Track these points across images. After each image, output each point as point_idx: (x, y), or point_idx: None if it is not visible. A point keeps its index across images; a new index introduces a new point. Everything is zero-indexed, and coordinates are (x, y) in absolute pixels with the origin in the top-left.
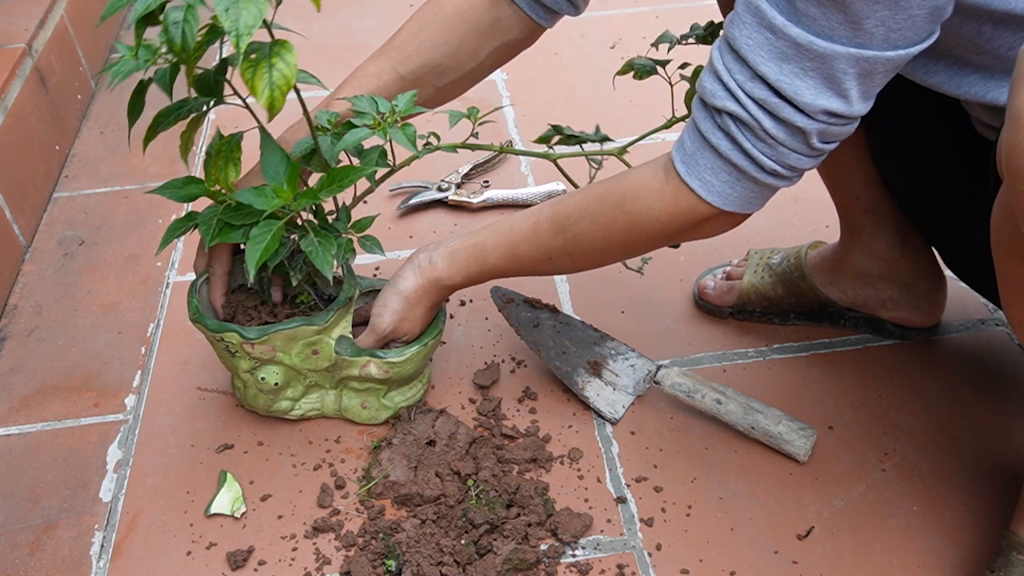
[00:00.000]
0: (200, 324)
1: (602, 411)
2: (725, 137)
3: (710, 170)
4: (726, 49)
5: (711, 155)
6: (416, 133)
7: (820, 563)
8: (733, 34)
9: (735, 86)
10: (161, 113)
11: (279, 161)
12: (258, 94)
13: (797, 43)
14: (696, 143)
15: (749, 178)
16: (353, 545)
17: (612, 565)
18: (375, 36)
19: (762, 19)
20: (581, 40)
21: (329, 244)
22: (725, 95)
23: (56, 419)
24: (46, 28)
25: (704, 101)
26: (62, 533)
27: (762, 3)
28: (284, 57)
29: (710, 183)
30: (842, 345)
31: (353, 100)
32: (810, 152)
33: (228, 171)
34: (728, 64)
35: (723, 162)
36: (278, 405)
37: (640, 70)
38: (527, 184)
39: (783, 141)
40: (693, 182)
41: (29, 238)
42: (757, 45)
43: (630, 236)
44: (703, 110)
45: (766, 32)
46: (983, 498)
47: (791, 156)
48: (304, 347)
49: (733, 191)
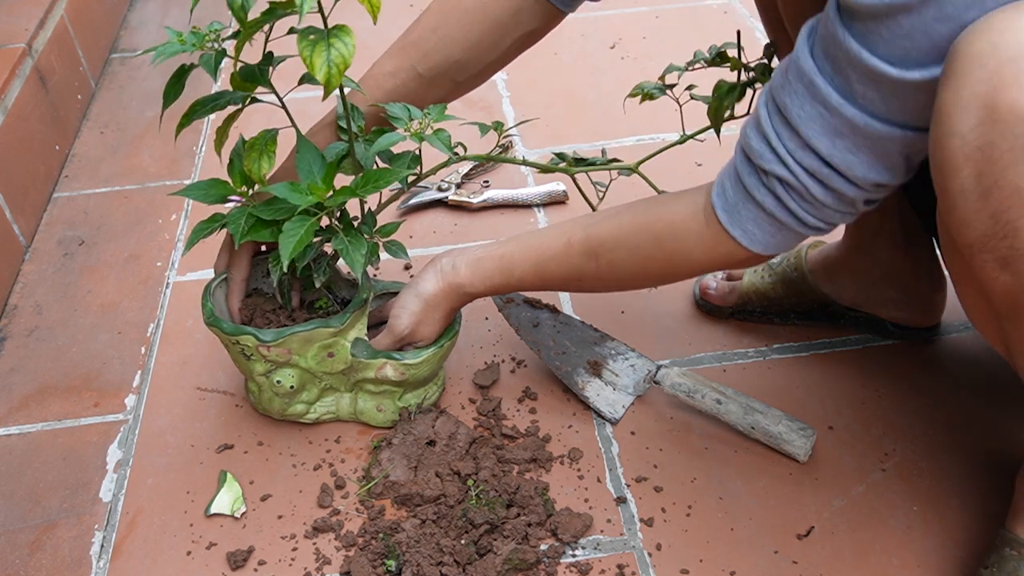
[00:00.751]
0: (215, 327)
1: (602, 411)
2: (770, 195)
3: (752, 221)
4: (775, 112)
5: (754, 208)
6: (450, 138)
7: (820, 563)
8: (784, 102)
9: (784, 152)
10: (198, 102)
11: (314, 159)
12: (316, 70)
13: (853, 124)
14: (739, 195)
15: (790, 231)
16: (353, 545)
17: (612, 565)
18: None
19: (816, 94)
20: (581, 40)
21: (359, 243)
22: (773, 159)
23: (56, 419)
24: (46, 28)
25: (750, 159)
26: (62, 533)
27: (816, 78)
28: (343, 39)
29: (752, 233)
30: (842, 345)
31: (387, 107)
32: (854, 212)
33: (262, 163)
34: (777, 129)
35: (767, 216)
36: (293, 409)
37: (649, 93)
38: (527, 184)
39: (830, 205)
40: (735, 231)
41: (29, 238)
42: (810, 119)
43: (666, 271)
44: (748, 165)
45: (820, 107)
46: (983, 498)
47: (836, 216)
48: (320, 350)
49: (773, 239)
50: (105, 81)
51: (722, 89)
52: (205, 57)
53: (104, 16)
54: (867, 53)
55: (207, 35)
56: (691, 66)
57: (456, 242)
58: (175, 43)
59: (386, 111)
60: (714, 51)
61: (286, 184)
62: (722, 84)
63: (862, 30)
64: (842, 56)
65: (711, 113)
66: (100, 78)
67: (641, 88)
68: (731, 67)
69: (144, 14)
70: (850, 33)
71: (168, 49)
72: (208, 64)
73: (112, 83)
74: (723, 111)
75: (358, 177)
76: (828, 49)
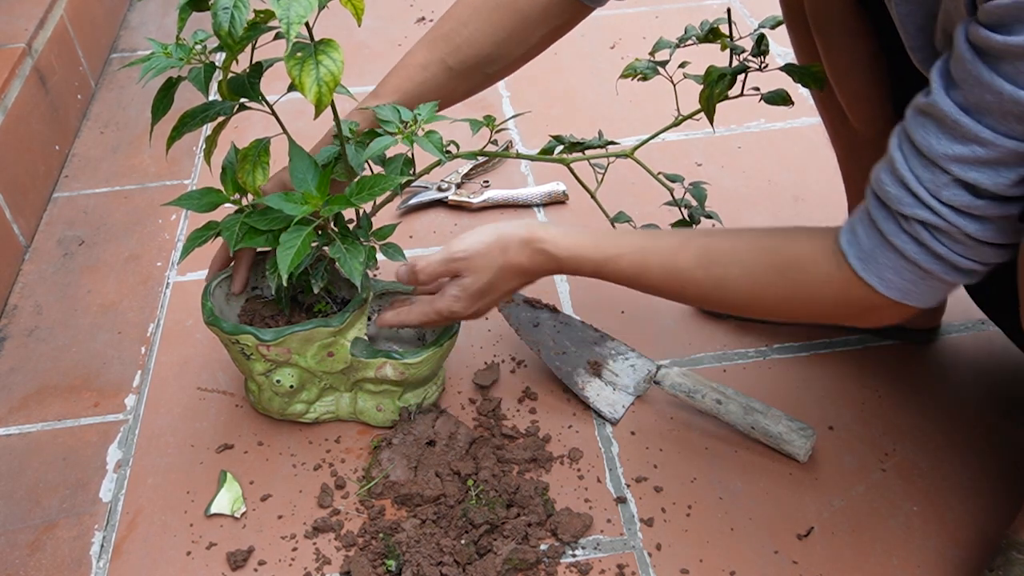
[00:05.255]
0: (215, 327)
1: (602, 411)
2: (912, 241)
3: (892, 270)
4: (912, 153)
5: (894, 256)
6: (441, 139)
7: (820, 563)
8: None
9: (926, 194)
10: (187, 114)
11: (308, 167)
12: (306, 90)
13: (1016, 152)
14: (875, 242)
15: (935, 278)
16: (353, 545)
17: (612, 565)
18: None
19: (966, 133)
20: (581, 40)
21: (357, 251)
22: (914, 202)
23: (56, 419)
24: (46, 28)
25: (887, 204)
26: (62, 533)
27: (962, 118)
28: (331, 55)
29: (891, 280)
30: (842, 345)
31: (376, 109)
32: (1014, 242)
33: (256, 174)
34: (916, 171)
35: (909, 264)
36: (293, 408)
37: (642, 72)
38: (527, 184)
39: (988, 239)
40: (871, 279)
41: (29, 238)
42: (959, 157)
43: (784, 304)
44: (883, 210)
45: (973, 146)
46: (983, 498)
47: (992, 254)
48: (320, 349)
49: (916, 288)
50: (105, 81)
51: (712, 75)
52: (194, 72)
53: (104, 16)
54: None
55: (193, 48)
56: (683, 42)
57: None
58: (161, 56)
59: (376, 115)
60: (706, 27)
61: (280, 194)
62: (713, 70)
63: (1011, 72)
64: (992, 98)
65: (703, 100)
66: (100, 78)
67: (633, 68)
68: (721, 47)
69: (144, 14)
70: (998, 74)
71: (154, 64)
72: (198, 80)
73: (112, 83)
74: (715, 98)
75: (352, 185)
76: (972, 90)
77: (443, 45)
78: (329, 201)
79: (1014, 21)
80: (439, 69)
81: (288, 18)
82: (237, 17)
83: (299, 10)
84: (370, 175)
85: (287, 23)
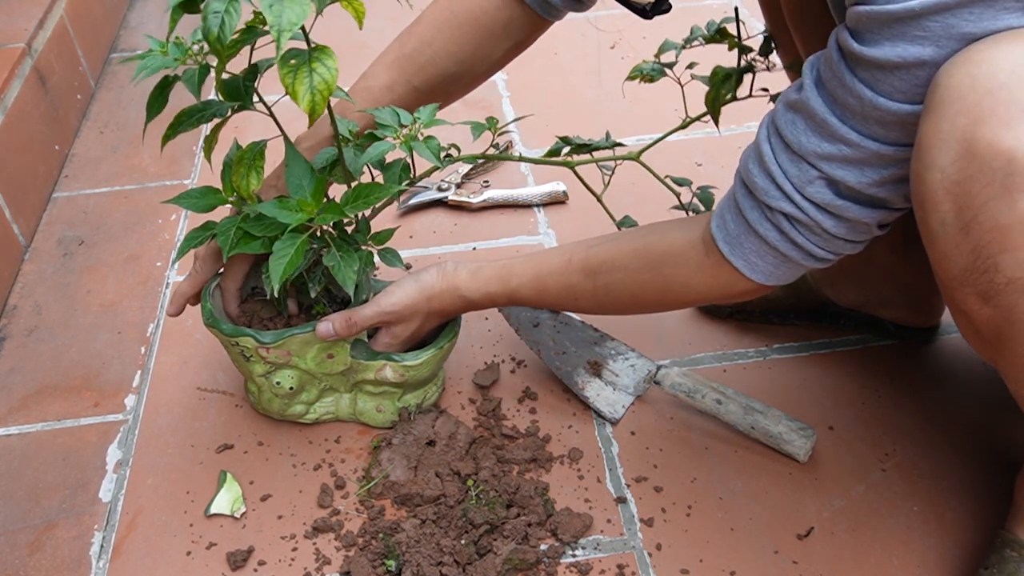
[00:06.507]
0: (214, 328)
1: (602, 411)
2: (774, 229)
3: (755, 253)
4: (781, 148)
5: (757, 241)
6: (439, 145)
7: (820, 563)
8: (793, 138)
9: (791, 189)
10: (183, 113)
11: (303, 173)
12: (299, 99)
13: (880, 154)
14: (741, 228)
15: (794, 263)
16: (353, 545)
17: (612, 565)
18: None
19: (833, 132)
20: (581, 40)
21: (351, 259)
22: (779, 195)
23: (56, 419)
24: (46, 28)
25: (752, 193)
26: (62, 533)
27: (829, 117)
28: (324, 62)
29: (754, 263)
30: (842, 345)
31: (375, 112)
32: (866, 239)
33: (250, 179)
34: (784, 166)
35: (770, 248)
36: (292, 409)
37: (648, 75)
38: (527, 184)
39: (842, 236)
40: (737, 262)
41: (29, 238)
42: (827, 155)
43: (663, 297)
44: (750, 199)
45: (839, 144)
46: (983, 498)
47: (846, 247)
48: (319, 351)
49: (777, 270)
50: (105, 81)
51: (718, 76)
52: (188, 74)
53: (104, 16)
54: (883, 99)
55: (189, 48)
56: (689, 43)
57: (456, 242)
58: (157, 55)
59: (375, 118)
60: (713, 27)
61: (275, 201)
62: (719, 70)
63: (868, 79)
64: (854, 101)
65: (708, 101)
66: (100, 78)
67: (639, 70)
68: (729, 46)
69: (144, 14)
70: (858, 79)
71: (150, 63)
72: (191, 82)
73: (112, 83)
74: (721, 100)
75: (348, 192)
76: (836, 91)
77: (408, 66)
78: (324, 209)
79: (866, 31)
80: (405, 91)
81: (279, 25)
82: (227, 22)
83: (291, 17)
84: (367, 183)
85: (278, 30)
